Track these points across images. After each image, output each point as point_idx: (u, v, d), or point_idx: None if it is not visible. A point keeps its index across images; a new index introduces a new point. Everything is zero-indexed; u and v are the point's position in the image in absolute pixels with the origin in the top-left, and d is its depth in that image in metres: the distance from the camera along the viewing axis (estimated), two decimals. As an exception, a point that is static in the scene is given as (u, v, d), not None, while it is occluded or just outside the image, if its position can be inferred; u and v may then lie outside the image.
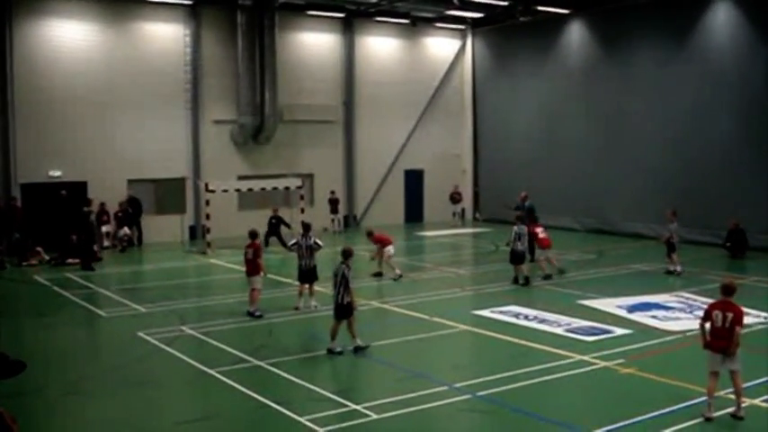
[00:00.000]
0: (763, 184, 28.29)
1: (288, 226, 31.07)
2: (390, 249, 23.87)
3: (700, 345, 11.75)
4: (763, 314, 18.06)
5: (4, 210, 28.77)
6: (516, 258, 22.56)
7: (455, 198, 39.57)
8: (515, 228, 22.82)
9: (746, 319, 17.47)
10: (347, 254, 15.48)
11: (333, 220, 36.15)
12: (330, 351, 15.11)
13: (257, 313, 18.50)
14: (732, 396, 11.53)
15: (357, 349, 15.14)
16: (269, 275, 20.47)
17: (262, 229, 32.32)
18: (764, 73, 28.66)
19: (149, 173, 32.65)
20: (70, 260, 26.99)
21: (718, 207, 29.25)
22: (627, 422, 11.18)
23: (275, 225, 30.76)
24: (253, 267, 18.72)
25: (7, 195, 29.36)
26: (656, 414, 11.49)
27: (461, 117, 41.62)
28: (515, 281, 22.48)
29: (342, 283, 15.09)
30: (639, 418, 11.30)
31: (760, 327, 17.12)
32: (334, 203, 36.19)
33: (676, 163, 31.16)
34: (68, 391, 13.21)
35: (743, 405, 11.41)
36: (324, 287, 19.45)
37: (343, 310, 15.21)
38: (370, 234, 24.37)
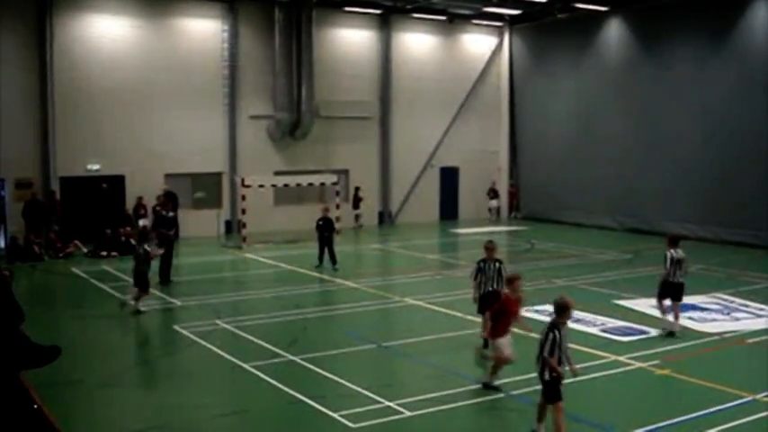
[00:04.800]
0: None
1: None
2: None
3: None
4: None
5: (44, 203, 29.11)
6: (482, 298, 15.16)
7: (491, 194, 39.67)
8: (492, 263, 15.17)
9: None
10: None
11: (356, 216, 36.11)
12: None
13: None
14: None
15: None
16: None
17: (297, 227, 32.65)
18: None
19: (186, 167, 32.86)
20: (104, 253, 27.35)
21: (757, 207, 28.92)
22: (662, 424, 11.08)
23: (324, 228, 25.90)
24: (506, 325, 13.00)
25: (47, 188, 29.74)
26: (691, 416, 11.39)
27: (498, 114, 41.44)
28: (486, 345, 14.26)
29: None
30: (675, 420, 11.20)
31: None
32: (357, 200, 36.30)
33: (716, 162, 30.80)
34: (104, 383, 13.35)
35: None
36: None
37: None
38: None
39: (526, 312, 18.36)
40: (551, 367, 10.13)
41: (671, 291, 16.52)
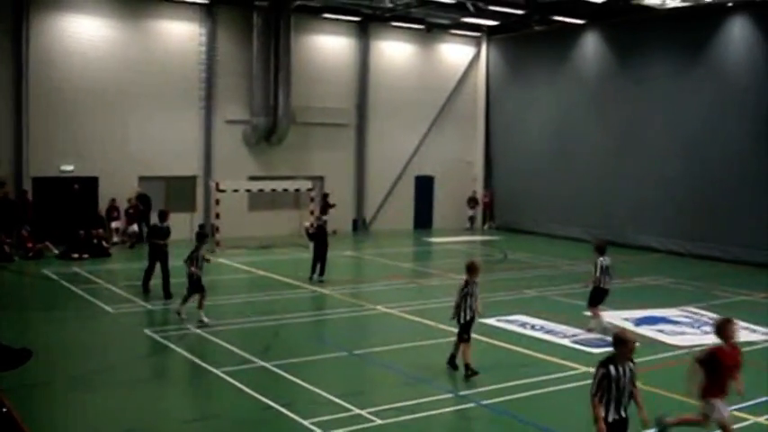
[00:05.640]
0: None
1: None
2: None
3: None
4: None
5: (15, 203, 28.86)
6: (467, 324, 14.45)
7: (471, 204, 39.98)
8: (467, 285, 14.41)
9: (753, 336, 17.58)
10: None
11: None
12: None
13: None
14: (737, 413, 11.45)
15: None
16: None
17: (271, 231, 32.59)
18: (780, 88, 28.58)
19: (160, 170, 32.66)
20: (75, 254, 27.14)
21: (731, 222, 29.19)
22: (631, 436, 11.13)
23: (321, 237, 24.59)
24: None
25: (19, 188, 29.48)
26: (660, 429, 11.45)
27: (474, 124, 41.55)
28: (452, 361, 14.64)
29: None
30: (643, 433, 11.27)
31: (766, 344, 17.05)
32: (325, 206, 35.69)
33: (689, 176, 31.03)
34: (73, 386, 13.25)
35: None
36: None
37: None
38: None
39: (497, 322, 18.51)
40: (594, 411, 8.77)
41: (602, 297, 17.76)
